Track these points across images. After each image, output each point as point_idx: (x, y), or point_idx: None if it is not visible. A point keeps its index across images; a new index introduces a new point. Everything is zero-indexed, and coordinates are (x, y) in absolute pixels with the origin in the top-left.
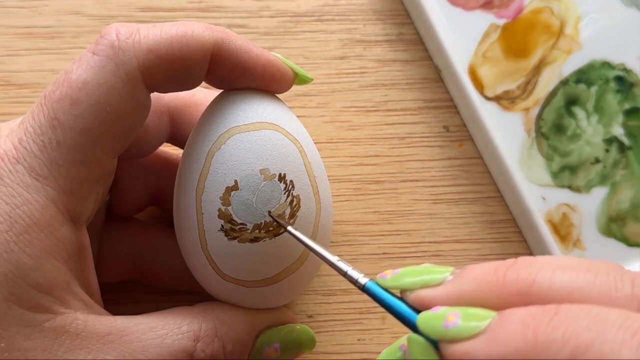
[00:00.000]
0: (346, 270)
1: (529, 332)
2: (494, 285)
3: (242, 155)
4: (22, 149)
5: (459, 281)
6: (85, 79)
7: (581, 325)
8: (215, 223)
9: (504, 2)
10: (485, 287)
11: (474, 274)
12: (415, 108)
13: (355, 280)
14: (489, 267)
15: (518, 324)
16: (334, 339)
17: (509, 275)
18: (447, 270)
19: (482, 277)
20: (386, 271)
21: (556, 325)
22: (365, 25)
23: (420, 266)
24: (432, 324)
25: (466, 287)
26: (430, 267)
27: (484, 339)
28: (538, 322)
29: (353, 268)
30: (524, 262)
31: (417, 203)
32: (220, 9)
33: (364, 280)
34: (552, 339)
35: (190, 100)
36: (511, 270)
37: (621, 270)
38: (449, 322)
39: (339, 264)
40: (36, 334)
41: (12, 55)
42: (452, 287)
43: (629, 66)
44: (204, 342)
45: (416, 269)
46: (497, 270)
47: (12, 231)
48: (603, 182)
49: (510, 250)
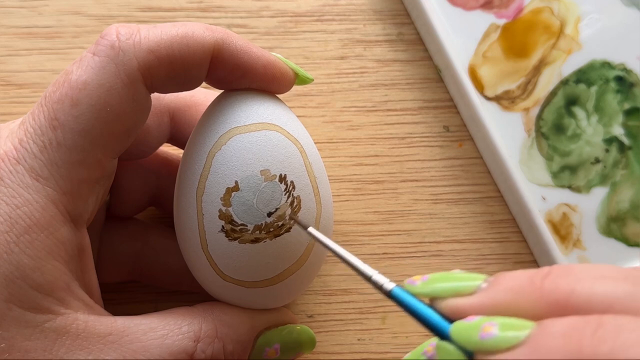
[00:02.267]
0: (371, 275)
1: (573, 344)
2: (531, 295)
3: (242, 156)
4: (22, 150)
5: (493, 290)
6: (85, 80)
7: (630, 339)
8: (216, 224)
9: (504, 2)
10: (521, 296)
11: (510, 284)
12: (415, 108)
13: (381, 286)
14: (525, 276)
15: (560, 335)
16: (334, 339)
17: (547, 284)
18: (479, 277)
19: (518, 286)
20: (415, 277)
21: (602, 337)
22: (365, 25)
23: (451, 273)
24: (467, 334)
25: (502, 296)
26: (461, 274)
27: (525, 351)
28: (582, 333)
29: (379, 272)
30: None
31: (417, 203)
32: (220, 9)
33: (390, 286)
34: (599, 353)
35: (190, 101)
36: (549, 280)
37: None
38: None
39: (363, 267)
40: (37, 335)
41: (12, 55)
42: (487, 296)
43: (629, 66)
44: (205, 343)
45: (447, 275)
46: (534, 279)
47: (12, 232)
48: (603, 182)
49: (510, 250)
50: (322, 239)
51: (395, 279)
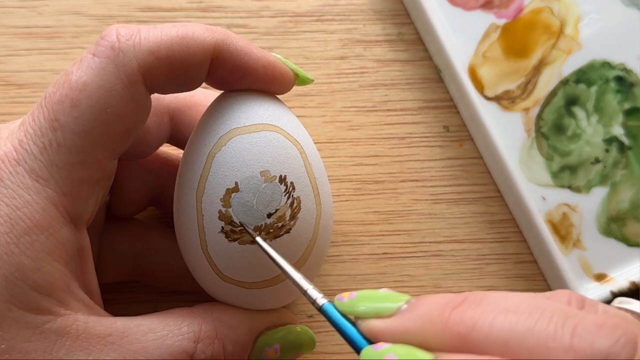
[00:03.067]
0: (306, 289)
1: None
2: (438, 325)
3: (242, 157)
4: (22, 151)
5: (407, 317)
6: (85, 81)
7: None
8: (216, 225)
9: (504, 2)
10: (429, 326)
11: (423, 310)
12: (415, 108)
13: (314, 301)
14: (438, 304)
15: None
16: (334, 339)
17: (453, 316)
18: (402, 298)
19: (429, 315)
20: (344, 293)
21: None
22: (365, 25)
23: (378, 292)
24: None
25: (412, 324)
26: (387, 295)
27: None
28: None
29: (314, 287)
30: (472, 300)
31: (417, 203)
32: (220, 9)
33: (321, 302)
34: None
35: (190, 101)
36: (457, 311)
37: (566, 312)
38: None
39: (301, 281)
40: (37, 336)
41: (12, 55)
42: (400, 322)
43: (629, 66)
44: (204, 343)
45: (373, 294)
46: (444, 309)
47: (12, 233)
48: (603, 182)
49: (510, 250)
50: (268, 250)
51: (395, 279)
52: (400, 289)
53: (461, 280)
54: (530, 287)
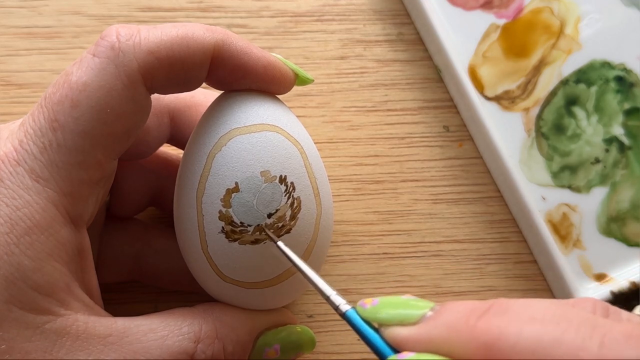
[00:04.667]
0: (329, 295)
1: None
2: (464, 335)
3: (242, 157)
4: (22, 151)
5: (431, 324)
6: (85, 81)
7: None
8: (216, 225)
9: (503, 2)
10: (455, 334)
11: (447, 319)
12: (415, 108)
13: (337, 307)
14: (463, 311)
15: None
16: (334, 339)
17: (480, 325)
18: (426, 306)
19: (454, 323)
20: (366, 299)
21: None
22: (365, 25)
23: (401, 298)
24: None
25: (437, 332)
26: (410, 301)
27: None
28: None
29: (337, 293)
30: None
31: (417, 203)
32: (220, 9)
33: (345, 308)
34: None
35: (190, 102)
36: (483, 320)
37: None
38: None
39: (324, 287)
40: (37, 336)
41: (12, 55)
42: (425, 330)
43: (629, 66)
44: (205, 343)
45: (396, 300)
46: (470, 317)
47: (12, 233)
48: (603, 182)
49: (510, 250)
50: (290, 255)
51: (395, 279)
52: (400, 289)
53: (461, 280)
54: (530, 287)
